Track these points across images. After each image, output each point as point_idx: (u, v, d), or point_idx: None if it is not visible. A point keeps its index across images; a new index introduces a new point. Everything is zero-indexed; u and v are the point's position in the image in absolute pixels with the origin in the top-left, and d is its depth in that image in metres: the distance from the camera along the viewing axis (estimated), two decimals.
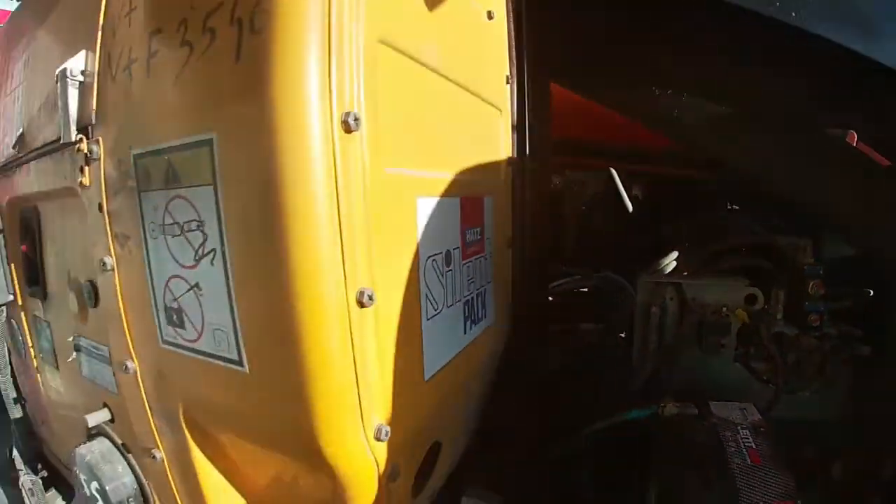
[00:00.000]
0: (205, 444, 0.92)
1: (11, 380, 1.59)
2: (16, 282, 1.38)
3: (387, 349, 0.79)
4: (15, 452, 1.64)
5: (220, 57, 0.69)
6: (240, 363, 0.77)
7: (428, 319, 0.91)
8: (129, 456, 1.08)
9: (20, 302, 1.40)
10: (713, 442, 1.16)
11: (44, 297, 1.25)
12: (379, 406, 0.78)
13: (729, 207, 1.79)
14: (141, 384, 0.95)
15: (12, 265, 1.37)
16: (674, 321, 1.42)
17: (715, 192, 1.73)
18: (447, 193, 0.95)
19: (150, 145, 0.81)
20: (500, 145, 1.18)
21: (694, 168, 1.68)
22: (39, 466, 1.63)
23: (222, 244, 0.73)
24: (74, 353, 1.13)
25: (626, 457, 1.34)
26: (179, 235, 0.80)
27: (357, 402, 0.74)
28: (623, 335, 1.67)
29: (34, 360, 1.43)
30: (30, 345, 1.42)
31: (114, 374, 1.03)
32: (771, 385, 1.39)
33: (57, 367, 1.29)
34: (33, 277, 1.28)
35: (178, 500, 1.02)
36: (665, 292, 1.42)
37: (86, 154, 0.92)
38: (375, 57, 0.74)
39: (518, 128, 1.21)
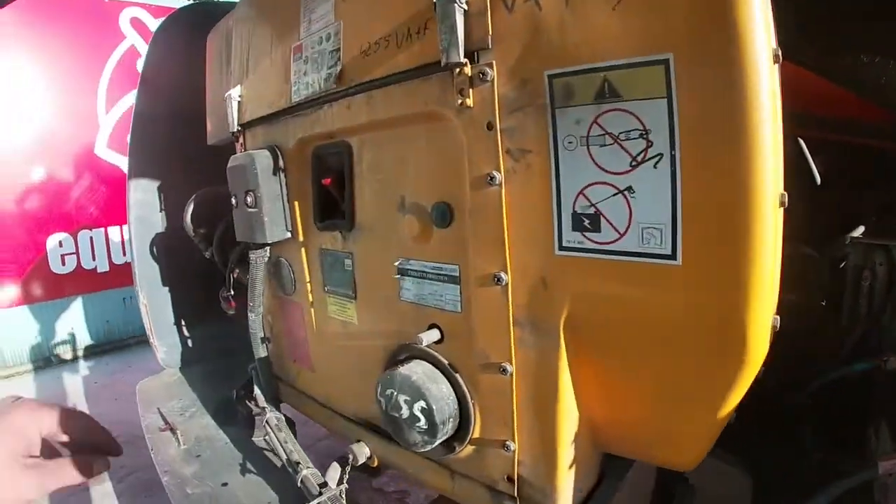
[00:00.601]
0: (573, 354, 0.98)
1: (260, 320, 1.65)
2: (298, 219, 1.45)
3: None
4: (256, 391, 1.70)
5: None
6: (672, 257, 0.83)
7: None
8: (458, 375, 1.13)
9: (301, 238, 1.48)
10: None
11: (350, 228, 1.31)
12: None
13: None
14: (510, 296, 1.00)
15: (295, 203, 1.44)
16: (883, 286, 1.46)
17: None
18: None
19: (572, 66, 0.88)
20: None
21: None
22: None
23: (672, 149, 0.81)
24: (398, 277, 1.19)
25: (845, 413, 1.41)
26: (612, 145, 0.86)
27: (773, 291, 0.82)
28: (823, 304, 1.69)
29: (309, 296, 1.50)
30: (306, 280, 1.49)
31: (461, 293, 1.09)
32: None
33: (353, 297, 1.35)
34: (330, 211, 1.35)
35: (515, 416, 1.06)
36: (875, 256, 1.47)
37: (470, 77, 0.99)
38: None
39: None
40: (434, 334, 1.14)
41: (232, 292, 1.82)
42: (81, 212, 4.79)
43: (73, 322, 4.81)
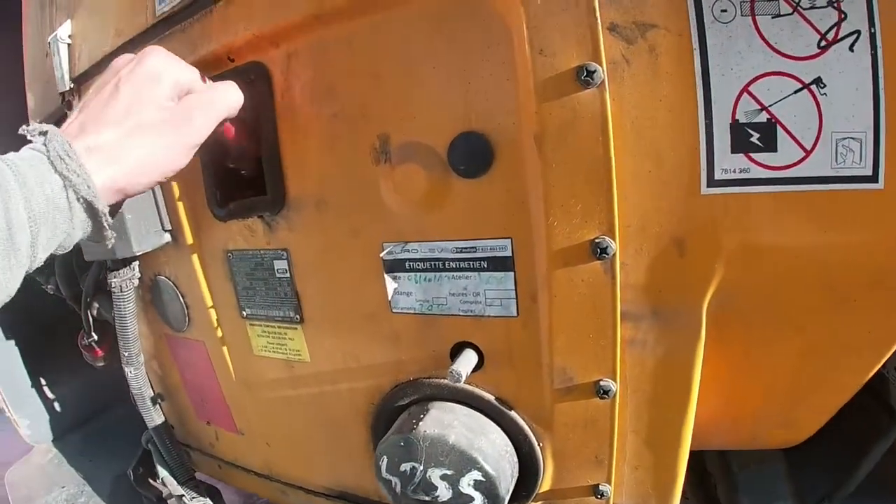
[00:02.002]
0: (710, 342, 0.67)
1: (143, 373, 1.06)
2: (182, 211, 0.89)
3: None
4: (163, 472, 1.13)
5: None
6: (873, 179, 0.58)
7: None
8: (513, 413, 0.70)
9: (189, 240, 0.92)
10: None
11: (278, 208, 0.75)
12: None
13: None
14: (617, 275, 0.62)
15: (174, 184, 0.89)
16: None
17: None
18: None
19: None
20: None
21: None
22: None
23: (871, 26, 0.55)
24: (386, 276, 0.67)
25: None
26: (790, 15, 0.56)
27: None
28: None
29: (215, 328, 0.94)
30: (207, 305, 0.93)
31: (516, 284, 0.66)
32: None
33: (297, 320, 0.82)
34: (238, 188, 0.82)
35: (615, 450, 0.71)
36: None
37: None
38: None
39: None
40: (470, 359, 0.68)
41: (95, 336, 1.25)
42: None
43: None
